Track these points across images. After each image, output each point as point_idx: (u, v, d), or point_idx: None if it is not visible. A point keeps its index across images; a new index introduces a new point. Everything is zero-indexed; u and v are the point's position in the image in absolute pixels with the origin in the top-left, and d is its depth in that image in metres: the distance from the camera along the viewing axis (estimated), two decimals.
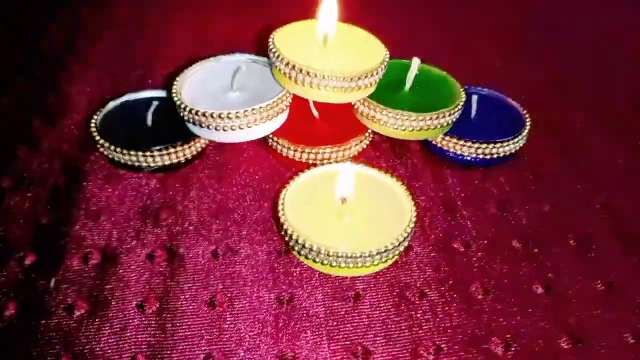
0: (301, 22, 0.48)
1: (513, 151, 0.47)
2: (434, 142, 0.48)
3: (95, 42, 0.63)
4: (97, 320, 0.35)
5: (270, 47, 0.44)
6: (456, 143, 0.47)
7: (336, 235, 0.38)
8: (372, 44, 0.47)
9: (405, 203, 0.40)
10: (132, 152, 0.44)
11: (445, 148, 0.47)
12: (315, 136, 0.46)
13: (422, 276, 0.38)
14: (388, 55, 0.45)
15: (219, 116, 0.42)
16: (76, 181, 0.45)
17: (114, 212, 0.42)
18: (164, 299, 0.36)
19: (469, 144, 0.46)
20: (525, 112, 0.50)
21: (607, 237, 0.42)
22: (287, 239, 0.38)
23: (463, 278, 0.39)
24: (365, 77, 0.43)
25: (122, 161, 0.45)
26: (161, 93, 0.50)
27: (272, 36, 0.45)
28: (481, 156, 0.47)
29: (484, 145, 0.46)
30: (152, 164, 0.45)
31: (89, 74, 0.58)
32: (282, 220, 0.38)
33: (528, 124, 0.48)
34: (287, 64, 0.42)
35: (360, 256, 0.36)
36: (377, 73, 0.44)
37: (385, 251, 0.36)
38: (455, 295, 0.37)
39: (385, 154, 0.49)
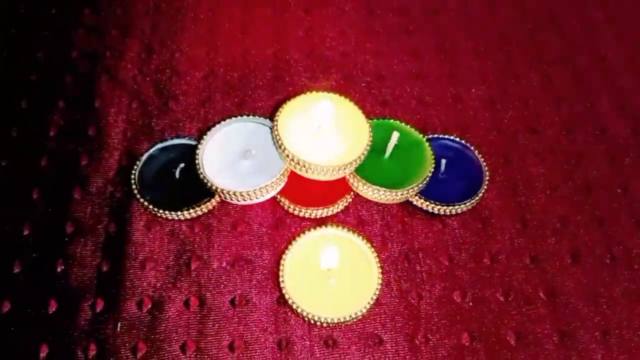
0: (304, 97, 0.57)
1: (470, 208, 0.59)
2: None
3: (121, 54, 0.71)
4: None
5: (275, 133, 0.54)
6: (422, 203, 0.58)
7: (323, 297, 0.52)
8: (360, 126, 0.56)
9: (374, 271, 0.53)
10: (167, 212, 0.56)
11: (415, 204, 0.59)
12: (310, 194, 0.58)
13: (385, 326, 0.53)
14: (370, 143, 0.55)
15: (234, 194, 0.54)
16: (123, 228, 0.57)
17: (156, 260, 0.56)
18: (199, 343, 0.52)
19: (432, 205, 0.58)
20: (486, 168, 0.60)
21: (536, 289, 0.56)
22: (286, 299, 0.52)
23: (412, 328, 0.53)
24: (350, 165, 0.53)
25: (157, 215, 0.57)
26: (184, 141, 0.61)
27: (276, 119, 0.55)
28: (442, 212, 0.58)
29: (444, 207, 0.58)
30: (182, 218, 0.57)
31: (119, 98, 0.67)
32: (282, 286, 0.52)
33: (485, 184, 0.59)
34: (287, 155, 0.53)
35: (338, 322, 0.51)
36: (358, 161, 0.54)
37: (356, 316, 0.51)
38: (404, 345, 0.52)
39: (367, 203, 0.60)
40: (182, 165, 0.58)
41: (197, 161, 0.56)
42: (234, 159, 0.57)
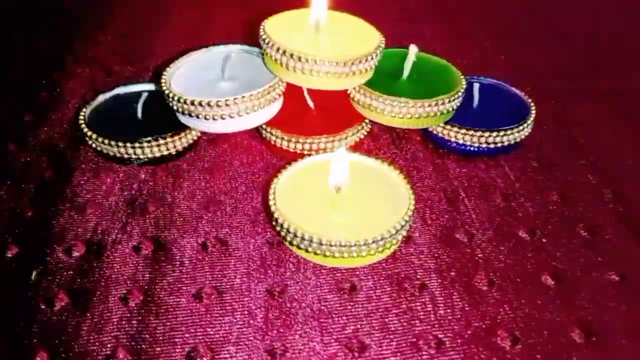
0: (292, 12, 0.47)
1: (518, 140, 0.45)
2: (435, 132, 0.46)
3: (90, 41, 0.62)
4: (78, 313, 0.33)
5: (262, 34, 0.43)
6: (458, 132, 0.45)
7: (330, 225, 0.36)
8: (366, 30, 0.45)
9: (403, 192, 0.38)
10: (120, 144, 0.42)
11: (446, 138, 0.45)
12: (310, 127, 0.45)
13: (422, 267, 0.36)
14: (383, 41, 0.43)
15: (209, 104, 0.41)
16: (64, 174, 0.43)
17: (100, 204, 0.40)
18: (148, 292, 0.34)
19: (471, 132, 0.44)
20: (530, 100, 0.48)
21: (619, 227, 0.40)
22: (278, 228, 0.36)
23: (466, 269, 0.36)
24: (360, 62, 0.41)
25: (111, 153, 0.43)
26: (153, 86, 0.49)
27: (263, 25, 0.44)
28: (484, 145, 0.45)
29: (486, 134, 0.44)
30: (141, 156, 0.43)
31: (83, 71, 0.56)
32: (272, 209, 0.36)
33: (533, 112, 0.46)
34: (278, 49, 0.41)
35: (355, 245, 0.34)
36: (372, 58, 0.42)
37: (382, 239, 0.34)
38: (458, 287, 0.35)
39: (385, 145, 0.47)
40: (144, 94, 0.46)
41: (163, 81, 0.43)
42: (211, 81, 0.45)
